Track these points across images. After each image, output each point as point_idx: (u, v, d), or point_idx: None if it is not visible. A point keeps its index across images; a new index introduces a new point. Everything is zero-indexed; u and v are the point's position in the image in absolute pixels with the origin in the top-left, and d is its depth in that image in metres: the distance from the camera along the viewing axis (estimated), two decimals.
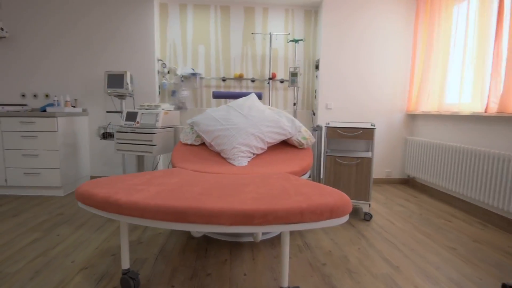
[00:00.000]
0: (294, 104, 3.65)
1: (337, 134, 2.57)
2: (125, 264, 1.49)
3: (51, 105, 3.26)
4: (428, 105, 3.28)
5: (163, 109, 2.65)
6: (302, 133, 2.34)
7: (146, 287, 1.52)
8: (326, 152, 2.58)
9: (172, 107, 2.89)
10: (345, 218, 1.25)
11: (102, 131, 3.03)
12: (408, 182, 3.76)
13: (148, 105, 2.70)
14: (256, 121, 2.24)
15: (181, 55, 3.68)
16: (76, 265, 1.70)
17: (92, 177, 3.56)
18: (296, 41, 3.49)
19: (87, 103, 3.47)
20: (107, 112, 3.16)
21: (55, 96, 3.40)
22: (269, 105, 3.73)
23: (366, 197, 2.49)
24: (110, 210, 1.24)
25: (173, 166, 2.09)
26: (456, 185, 2.80)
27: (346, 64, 3.61)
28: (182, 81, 3.66)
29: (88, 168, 3.52)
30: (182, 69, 3.63)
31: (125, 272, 1.48)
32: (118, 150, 2.62)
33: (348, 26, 3.56)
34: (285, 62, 3.79)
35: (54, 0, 3.35)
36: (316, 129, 2.86)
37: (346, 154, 2.53)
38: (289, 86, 3.44)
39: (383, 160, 3.74)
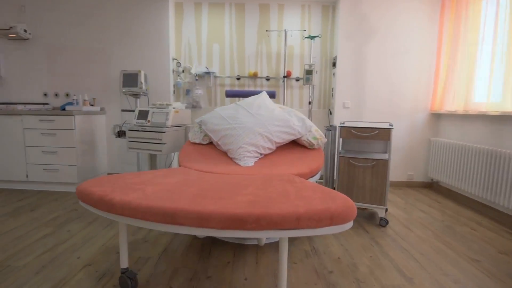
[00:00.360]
0: (309, 103, 3.54)
1: (351, 134, 2.44)
2: (124, 263, 1.48)
3: (71, 103, 3.37)
4: (453, 104, 3.06)
5: (174, 108, 2.65)
6: (313, 133, 2.24)
7: (144, 287, 1.50)
8: (340, 153, 2.47)
9: (183, 106, 2.88)
10: (347, 225, 1.15)
11: (117, 129, 3.08)
12: (431, 186, 3.54)
13: (160, 104, 2.71)
14: (264, 120, 2.17)
15: (196, 54, 3.68)
16: (81, 262, 1.72)
17: (109, 174, 3.64)
18: (312, 37, 3.38)
19: (105, 102, 3.55)
20: (122, 110, 3.21)
21: (74, 95, 3.51)
22: (283, 104, 3.65)
23: (382, 201, 2.35)
24: (104, 208, 1.23)
25: (179, 165, 2.07)
26: (483, 191, 2.58)
27: (365, 61, 3.45)
28: (196, 80, 3.66)
29: (105, 165, 3.60)
30: (197, 68, 3.63)
31: (124, 271, 1.47)
32: (130, 148, 2.65)
33: (367, 21, 3.40)
34: (301, 60, 3.68)
35: (71, 2, 3.46)
36: (329, 129, 2.75)
37: (361, 156, 2.40)
38: (303, 84, 3.33)
39: (404, 162, 3.54)
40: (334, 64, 3.59)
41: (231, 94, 2.99)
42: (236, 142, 2.08)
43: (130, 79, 3.11)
